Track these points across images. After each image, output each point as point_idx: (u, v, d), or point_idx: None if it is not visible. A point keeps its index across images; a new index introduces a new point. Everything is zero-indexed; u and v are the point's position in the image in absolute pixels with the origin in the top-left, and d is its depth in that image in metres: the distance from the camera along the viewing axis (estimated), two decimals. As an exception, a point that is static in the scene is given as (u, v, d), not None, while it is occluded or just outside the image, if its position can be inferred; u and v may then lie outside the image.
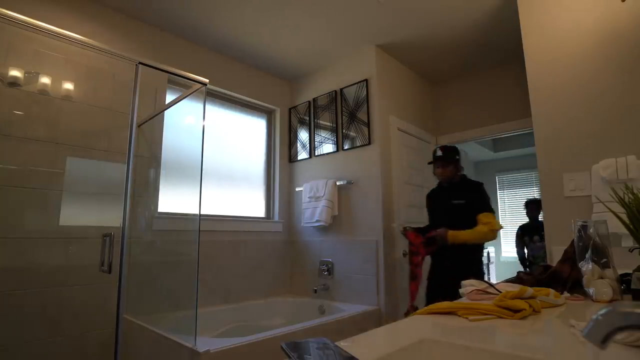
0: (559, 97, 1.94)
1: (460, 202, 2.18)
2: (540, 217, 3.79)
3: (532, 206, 3.89)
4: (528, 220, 3.93)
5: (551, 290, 0.93)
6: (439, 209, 2.33)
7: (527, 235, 3.85)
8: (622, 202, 1.04)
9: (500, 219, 5.90)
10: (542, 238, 3.48)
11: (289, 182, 3.46)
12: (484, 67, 3.32)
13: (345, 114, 3.05)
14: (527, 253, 3.83)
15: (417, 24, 2.67)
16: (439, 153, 2.28)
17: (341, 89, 3.12)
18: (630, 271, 0.95)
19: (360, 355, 0.51)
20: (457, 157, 2.28)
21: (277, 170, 3.42)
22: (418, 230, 2.30)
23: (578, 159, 1.84)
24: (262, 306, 2.93)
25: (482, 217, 2.11)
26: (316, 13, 2.54)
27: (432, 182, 3.46)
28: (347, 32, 2.77)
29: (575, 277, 1.06)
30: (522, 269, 3.56)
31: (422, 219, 3.22)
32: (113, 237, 1.73)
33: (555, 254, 1.81)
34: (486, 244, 3.21)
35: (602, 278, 0.95)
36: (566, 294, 1.02)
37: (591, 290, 0.95)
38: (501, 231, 6.02)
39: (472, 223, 2.11)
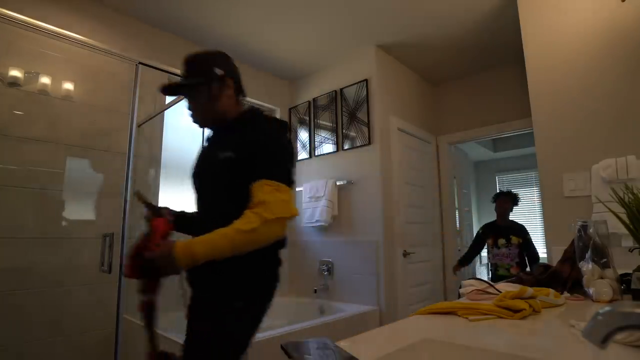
0: (559, 97, 1.94)
1: (228, 157, 1.08)
2: (515, 217, 3.11)
3: (505, 200, 3.02)
4: (496, 218, 3.07)
5: (551, 290, 0.93)
6: (198, 172, 1.21)
7: (494, 236, 2.96)
8: (622, 202, 1.04)
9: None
10: (509, 242, 2.86)
11: (289, 182, 3.46)
12: (484, 67, 3.32)
13: (345, 114, 3.05)
14: (489, 260, 2.99)
15: (417, 24, 2.67)
16: (183, 70, 1.20)
17: (341, 89, 3.12)
18: (630, 271, 0.95)
19: (360, 355, 0.51)
20: (219, 72, 1.16)
21: (277, 170, 3.41)
22: (170, 217, 1.19)
23: (578, 159, 1.84)
24: (262, 306, 2.93)
25: (257, 189, 1.01)
26: (316, 13, 2.54)
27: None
28: (347, 32, 2.77)
29: (575, 277, 1.06)
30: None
31: (422, 219, 3.22)
32: (113, 237, 1.73)
33: (555, 254, 1.81)
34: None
35: (602, 278, 0.95)
36: (566, 294, 1.02)
37: (591, 290, 0.95)
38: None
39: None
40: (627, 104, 1.73)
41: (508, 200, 3.02)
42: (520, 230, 2.91)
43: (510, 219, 3.02)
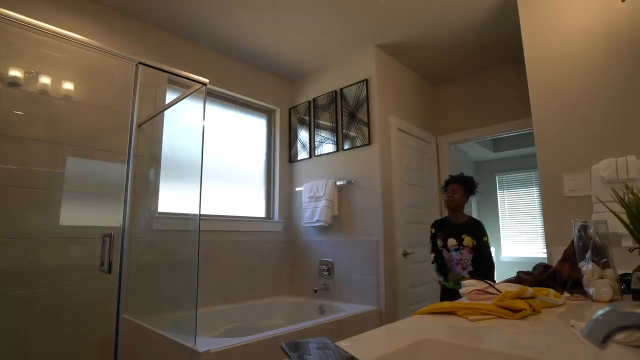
0: (559, 97, 1.94)
1: None
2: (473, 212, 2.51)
3: (453, 188, 2.24)
4: (448, 212, 2.34)
5: (551, 290, 0.93)
6: None
7: (444, 236, 2.26)
8: (622, 202, 1.04)
9: (500, 219, 5.84)
10: (460, 244, 2.18)
11: (289, 182, 3.46)
12: (484, 67, 3.32)
13: (345, 114, 3.05)
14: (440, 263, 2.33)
15: (417, 24, 2.67)
16: None
17: (341, 89, 3.12)
18: (630, 271, 0.95)
19: (360, 355, 0.51)
20: None
21: (277, 170, 3.42)
22: None
23: (578, 159, 1.84)
24: (262, 306, 2.93)
25: None
26: (316, 13, 2.54)
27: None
28: (347, 32, 2.77)
29: (575, 277, 1.06)
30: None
31: (422, 219, 3.23)
32: (113, 237, 1.73)
33: (555, 254, 1.81)
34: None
35: (602, 278, 0.95)
36: (566, 294, 1.03)
37: (591, 290, 0.95)
38: (502, 231, 6.00)
39: None
40: (628, 103, 1.73)
41: (458, 187, 2.22)
42: (478, 229, 2.19)
43: (467, 214, 2.30)
